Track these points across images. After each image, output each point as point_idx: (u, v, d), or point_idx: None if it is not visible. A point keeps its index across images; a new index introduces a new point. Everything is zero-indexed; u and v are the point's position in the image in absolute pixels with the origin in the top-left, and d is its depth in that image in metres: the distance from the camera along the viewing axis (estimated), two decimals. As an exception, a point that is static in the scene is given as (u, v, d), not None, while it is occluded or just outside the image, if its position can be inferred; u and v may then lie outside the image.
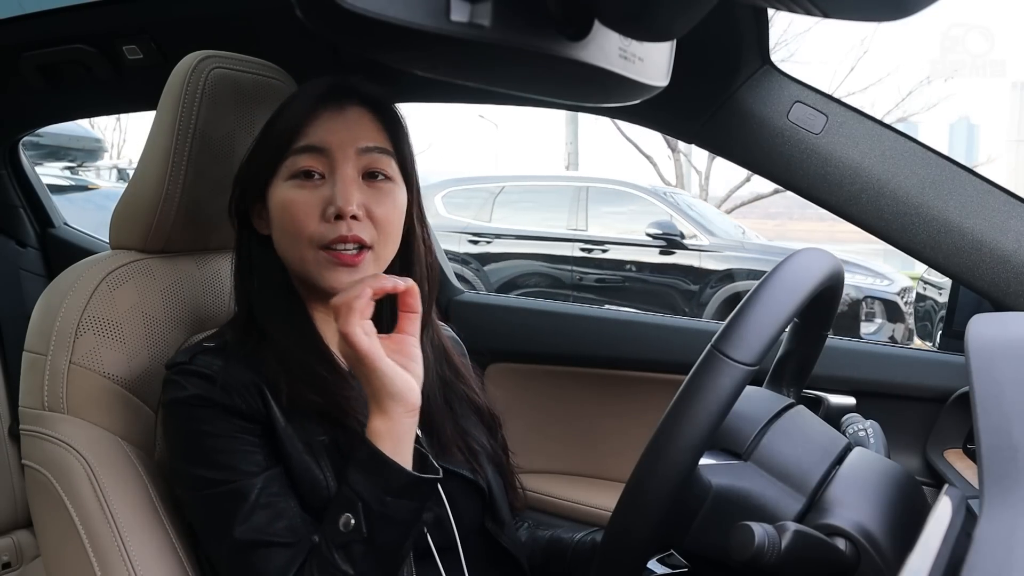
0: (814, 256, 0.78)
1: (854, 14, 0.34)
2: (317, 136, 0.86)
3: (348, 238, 0.85)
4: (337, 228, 0.84)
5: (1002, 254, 1.00)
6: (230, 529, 0.81)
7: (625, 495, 0.69)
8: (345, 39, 0.32)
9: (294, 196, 0.86)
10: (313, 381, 0.87)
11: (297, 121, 0.86)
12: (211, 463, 0.83)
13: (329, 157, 0.86)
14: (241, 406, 0.84)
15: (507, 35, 0.34)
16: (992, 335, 0.68)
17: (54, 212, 1.94)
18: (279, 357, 0.87)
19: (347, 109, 0.88)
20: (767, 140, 1.08)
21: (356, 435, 0.84)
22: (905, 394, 1.23)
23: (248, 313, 0.92)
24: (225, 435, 0.84)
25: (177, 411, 0.86)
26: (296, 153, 0.86)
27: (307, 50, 1.22)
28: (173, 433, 0.88)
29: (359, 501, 0.79)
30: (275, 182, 0.88)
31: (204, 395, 0.84)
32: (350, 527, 0.79)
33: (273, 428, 0.85)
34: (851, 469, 0.79)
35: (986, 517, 0.53)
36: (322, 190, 0.86)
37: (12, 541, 1.62)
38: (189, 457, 0.85)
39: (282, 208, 0.87)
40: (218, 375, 0.85)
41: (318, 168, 0.86)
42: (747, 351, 0.67)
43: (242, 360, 0.87)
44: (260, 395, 0.86)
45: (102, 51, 1.36)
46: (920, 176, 1.04)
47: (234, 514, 0.82)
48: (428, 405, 0.96)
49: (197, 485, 0.84)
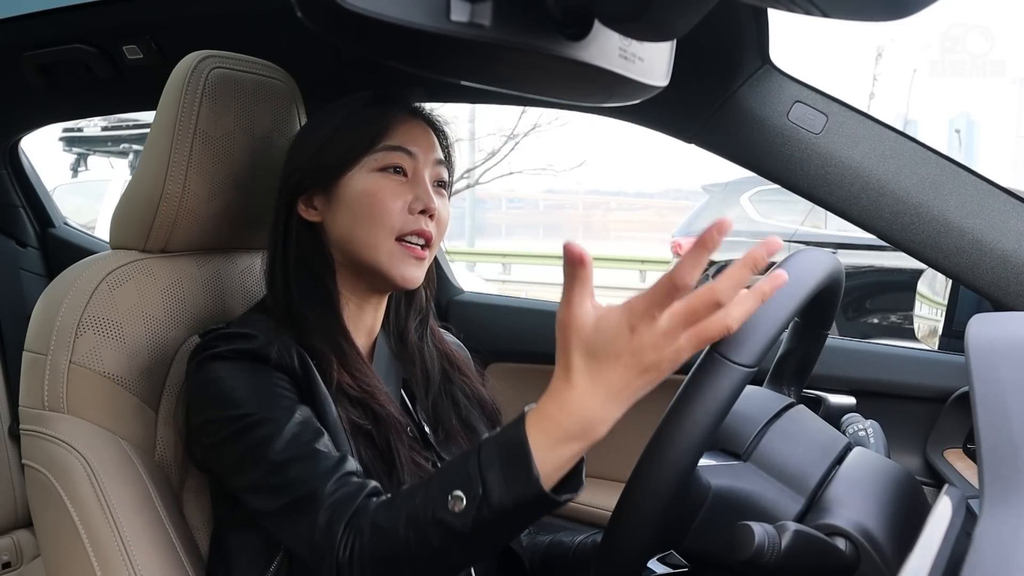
0: (813, 256, 0.78)
1: (854, 14, 0.34)
2: (406, 139, 0.92)
3: (425, 232, 0.91)
4: (419, 221, 0.91)
5: (1002, 254, 1.00)
6: (267, 454, 0.78)
7: (624, 497, 0.69)
8: (345, 39, 0.32)
9: (383, 184, 0.91)
10: (348, 367, 0.89)
11: (387, 121, 0.92)
12: (247, 402, 0.82)
13: (415, 160, 0.92)
14: (280, 361, 0.84)
15: (507, 35, 0.34)
16: (992, 335, 0.68)
17: (54, 212, 1.94)
18: (320, 337, 0.89)
19: (419, 120, 0.95)
20: (767, 140, 1.08)
21: (391, 428, 0.87)
22: (905, 394, 1.23)
23: (285, 300, 0.92)
24: (260, 380, 0.83)
25: (211, 364, 0.85)
26: (388, 149, 0.91)
27: (307, 50, 1.22)
28: (204, 385, 0.85)
29: (481, 487, 0.68)
30: (356, 172, 0.91)
31: (240, 348, 0.84)
32: (459, 508, 0.69)
33: (314, 394, 0.85)
34: (851, 469, 0.79)
35: (986, 517, 0.53)
36: (405, 186, 0.91)
37: (12, 541, 1.62)
38: (219, 402, 0.83)
39: (368, 195, 0.90)
40: (256, 336, 0.85)
41: (404, 166, 0.92)
42: (746, 353, 0.67)
43: (280, 333, 0.87)
44: (301, 360, 0.86)
45: (102, 51, 1.36)
46: (920, 176, 1.04)
47: (270, 439, 0.79)
48: (434, 397, 0.99)
49: (231, 422, 0.82)
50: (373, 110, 0.93)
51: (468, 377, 1.04)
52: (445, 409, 0.99)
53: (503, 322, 1.55)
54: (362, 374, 0.90)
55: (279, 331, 0.88)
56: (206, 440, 0.86)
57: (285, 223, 0.95)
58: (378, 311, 0.98)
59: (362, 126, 0.92)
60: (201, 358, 0.86)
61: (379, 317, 0.99)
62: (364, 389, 0.88)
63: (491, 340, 1.49)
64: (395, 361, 1.00)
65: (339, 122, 0.94)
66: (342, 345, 0.90)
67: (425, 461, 0.92)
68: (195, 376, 0.87)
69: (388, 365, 0.99)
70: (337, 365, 0.88)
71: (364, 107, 0.94)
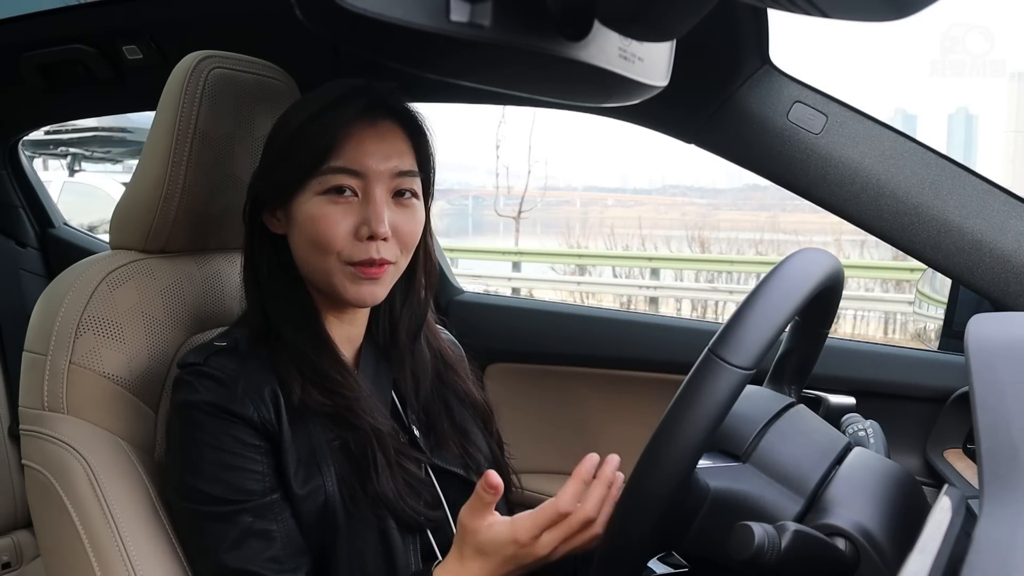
0: (812, 257, 0.78)
1: (854, 14, 0.34)
2: (353, 158, 0.85)
3: (376, 260, 0.86)
4: (367, 249, 0.86)
5: (1002, 254, 1.00)
6: (219, 552, 0.82)
7: (622, 499, 0.69)
8: (345, 39, 0.32)
9: (326, 211, 0.85)
10: (324, 384, 0.88)
11: (331, 138, 0.85)
12: (212, 477, 0.83)
13: (364, 179, 0.86)
14: (253, 416, 0.84)
15: (507, 35, 0.34)
16: (992, 335, 0.68)
17: (54, 212, 1.94)
18: (292, 357, 0.88)
19: (379, 123, 0.88)
20: (767, 140, 1.08)
21: (368, 437, 0.86)
22: (905, 394, 1.23)
23: (261, 313, 0.91)
24: (231, 450, 0.84)
25: (187, 415, 0.86)
26: (332, 172, 0.85)
27: (307, 50, 1.22)
28: (178, 437, 0.87)
29: None
30: (303, 194, 0.87)
31: (216, 402, 0.84)
32: None
33: (280, 441, 0.86)
34: (851, 469, 0.79)
35: (986, 517, 0.53)
36: (354, 207, 0.86)
37: (12, 541, 1.62)
38: (191, 466, 0.85)
39: (312, 221, 0.86)
40: (233, 380, 0.85)
41: (352, 186, 0.86)
42: (744, 355, 0.67)
43: (256, 361, 0.87)
44: (274, 401, 0.86)
45: (102, 51, 1.36)
46: (920, 176, 1.04)
47: (225, 538, 0.83)
48: (425, 400, 0.98)
49: (194, 497, 0.84)
50: (321, 122, 0.86)
51: (460, 377, 1.03)
52: (437, 412, 0.98)
53: (503, 322, 1.55)
54: (339, 385, 0.88)
55: (257, 353, 0.88)
56: (169, 484, 0.89)
57: (252, 233, 0.93)
58: (356, 320, 0.96)
59: (308, 143, 0.86)
60: (181, 400, 0.87)
61: (361, 325, 0.97)
62: (338, 403, 0.87)
63: (491, 340, 1.49)
64: (384, 364, 0.98)
65: (291, 134, 0.88)
66: (315, 361, 0.89)
67: (415, 466, 0.91)
68: (174, 411, 0.88)
69: (376, 370, 0.97)
70: (304, 386, 0.87)
71: (315, 116, 0.86)
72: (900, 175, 1.04)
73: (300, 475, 0.85)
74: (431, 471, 0.94)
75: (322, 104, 0.87)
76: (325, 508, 0.85)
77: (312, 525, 0.85)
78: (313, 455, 0.86)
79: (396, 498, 0.86)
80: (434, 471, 0.94)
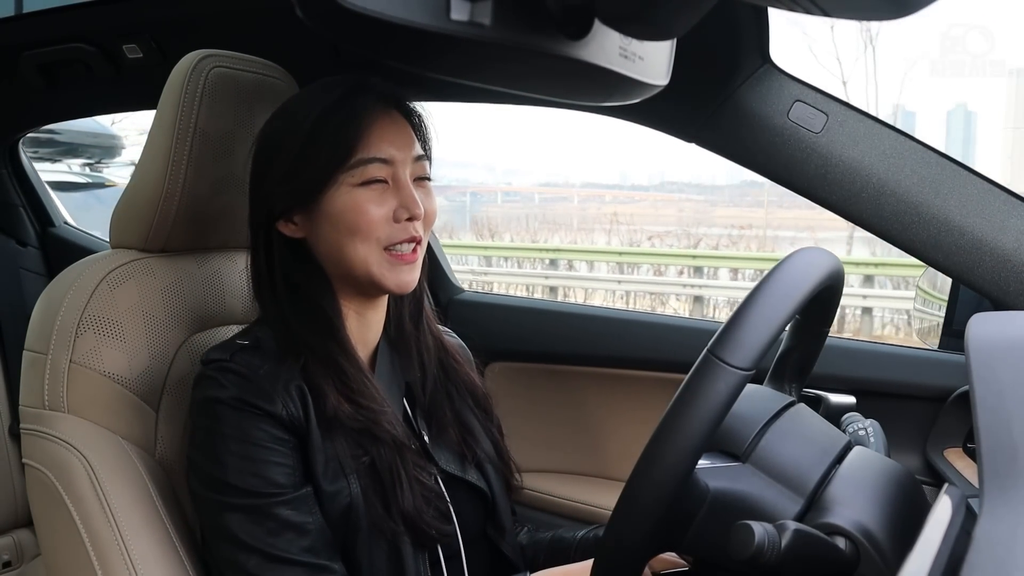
0: (811, 256, 0.78)
1: (854, 13, 0.34)
2: (380, 147, 0.89)
3: (416, 238, 0.90)
4: (406, 229, 0.90)
5: (1002, 253, 1.00)
6: (257, 544, 0.83)
7: (621, 501, 0.69)
8: (345, 38, 0.32)
9: (363, 198, 0.88)
10: (353, 395, 0.89)
11: (355, 131, 0.89)
12: (241, 470, 0.84)
13: (393, 166, 0.90)
14: (281, 413, 0.85)
15: (507, 34, 0.34)
16: (992, 334, 0.68)
17: (54, 211, 1.94)
18: (323, 366, 0.89)
19: (392, 113, 0.92)
20: (767, 139, 1.08)
21: (392, 452, 0.88)
22: (905, 393, 1.23)
23: (282, 323, 0.91)
24: (260, 443, 0.84)
25: (213, 410, 0.86)
26: (364, 163, 0.88)
27: (307, 50, 1.22)
28: (205, 431, 0.87)
29: None
30: (333, 189, 0.88)
31: (243, 397, 0.84)
32: None
33: (308, 438, 0.86)
34: (851, 468, 0.79)
35: (986, 516, 0.53)
36: (388, 195, 0.90)
37: (12, 540, 1.62)
38: (219, 460, 0.85)
39: (350, 211, 0.88)
40: (258, 376, 0.86)
41: (385, 176, 0.90)
42: (743, 356, 0.67)
43: (283, 361, 0.88)
44: (302, 399, 0.87)
45: (102, 51, 1.36)
46: (920, 175, 1.03)
47: (260, 529, 0.83)
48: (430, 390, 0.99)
49: (223, 490, 0.84)
50: (340, 116, 0.88)
51: (459, 363, 1.04)
52: (440, 401, 0.99)
53: (503, 322, 1.55)
54: (364, 397, 0.89)
55: (284, 356, 0.88)
56: (193, 477, 0.89)
57: (266, 244, 0.93)
58: (380, 312, 0.98)
59: (332, 138, 0.88)
60: (205, 396, 0.87)
61: (378, 326, 0.98)
62: (367, 416, 0.88)
63: (491, 340, 1.49)
64: (396, 359, 0.99)
65: (307, 133, 0.89)
66: (344, 367, 0.90)
67: (427, 477, 0.92)
68: (199, 407, 0.88)
69: (390, 369, 0.98)
70: (337, 397, 0.87)
71: (331, 112, 0.89)
72: (900, 174, 1.04)
73: (329, 473, 0.86)
74: (440, 480, 0.95)
75: (328, 102, 0.89)
76: (349, 509, 0.86)
77: (335, 524, 0.86)
78: (339, 463, 0.87)
79: (416, 515, 0.87)
80: (443, 479, 0.95)
